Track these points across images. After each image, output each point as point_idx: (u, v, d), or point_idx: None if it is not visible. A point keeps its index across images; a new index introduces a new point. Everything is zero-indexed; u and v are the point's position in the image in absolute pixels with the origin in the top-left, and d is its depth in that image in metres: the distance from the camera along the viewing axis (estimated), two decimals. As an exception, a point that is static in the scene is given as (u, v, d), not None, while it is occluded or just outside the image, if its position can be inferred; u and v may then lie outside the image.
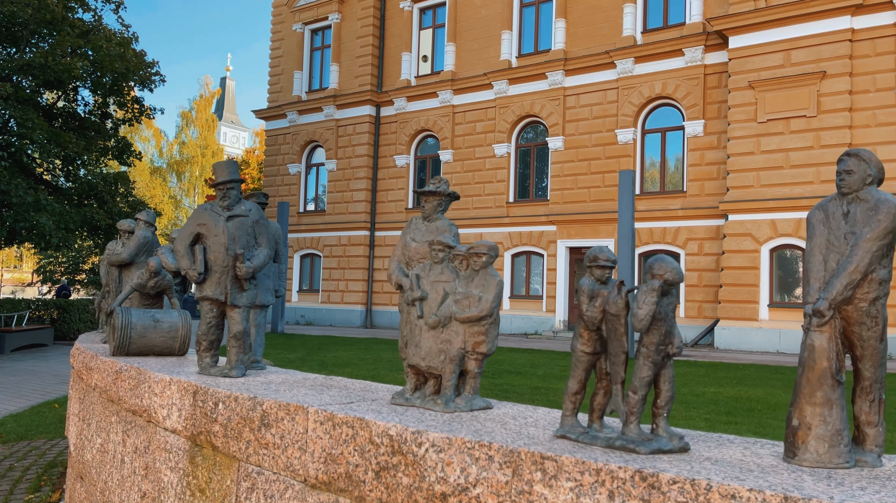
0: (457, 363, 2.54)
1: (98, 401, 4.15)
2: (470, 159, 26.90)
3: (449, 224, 2.96)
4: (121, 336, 4.22)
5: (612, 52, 23.30)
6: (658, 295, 1.84)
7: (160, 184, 52.13)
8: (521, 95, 25.71)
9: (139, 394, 3.51)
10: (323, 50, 31.31)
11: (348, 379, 3.31)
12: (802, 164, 19.18)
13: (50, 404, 10.51)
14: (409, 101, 28.53)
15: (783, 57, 19.70)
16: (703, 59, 21.89)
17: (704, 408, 9.42)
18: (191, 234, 3.67)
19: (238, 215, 3.69)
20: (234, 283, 3.61)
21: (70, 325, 20.57)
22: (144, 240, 5.23)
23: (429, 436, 1.96)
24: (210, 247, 3.60)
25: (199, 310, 3.64)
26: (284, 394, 2.74)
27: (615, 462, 1.60)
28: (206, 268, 3.57)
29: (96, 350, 4.66)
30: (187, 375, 3.41)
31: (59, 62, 17.80)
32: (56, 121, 21.38)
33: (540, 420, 2.26)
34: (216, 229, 3.63)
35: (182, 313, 4.58)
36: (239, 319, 3.60)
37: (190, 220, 3.77)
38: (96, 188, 20.90)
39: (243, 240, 3.64)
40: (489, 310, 2.53)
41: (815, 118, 19.12)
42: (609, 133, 23.69)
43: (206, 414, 2.85)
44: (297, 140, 31.13)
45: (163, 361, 4.04)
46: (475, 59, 27.05)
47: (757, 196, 19.77)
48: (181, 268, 3.66)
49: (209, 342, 3.67)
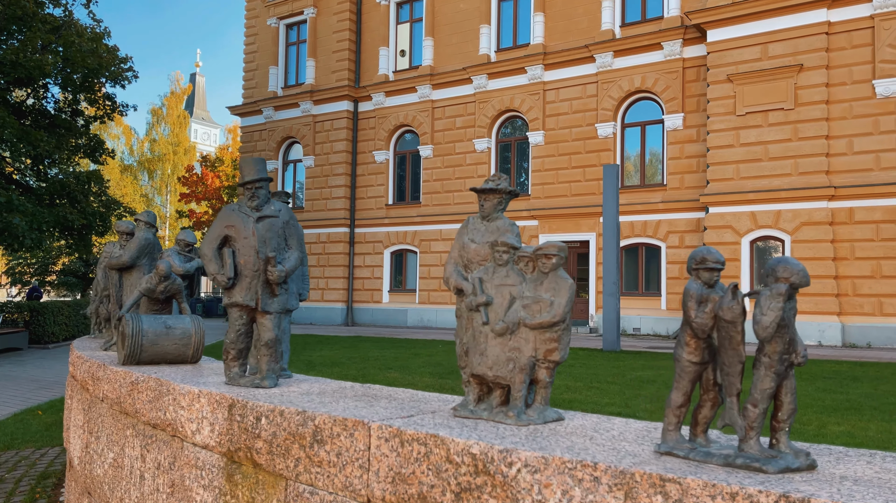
0: (527, 372, 2.42)
1: (108, 413, 3.94)
2: (450, 154, 26.76)
3: (510, 224, 2.79)
4: (132, 344, 4.02)
5: (591, 46, 23.32)
6: (784, 300, 1.73)
7: (131, 182, 51.15)
8: (500, 90, 25.63)
9: (161, 407, 3.33)
10: (298, 45, 30.90)
11: (389, 387, 3.16)
12: (781, 156, 19.39)
13: (32, 411, 10.18)
14: (387, 96, 28.29)
15: (761, 50, 19.87)
16: (681, 52, 22.01)
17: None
18: (218, 236, 3.45)
19: (268, 216, 3.48)
20: (265, 288, 3.41)
21: (45, 329, 20.02)
22: (146, 241, 5.01)
23: (520, 455, 1.83)
24: (239, 250, 3.39)
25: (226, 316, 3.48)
26: (331, 406, 2.58)
27: (750, 484, 1.48)
28: (236, 273, 3.37)
29: (102, 358, 4.45)
30: (215, 387, 3.24)
31: (29, 58, 17.27)
32: (26, 119, 20.78)
33: (626, 433, 2.13)
34: (245, 231, 3.41)
35: (194, 318, 4.39)
36: (270, 326, 3.40)
37: (217, 221, 3.53)
38: (69, 187, 20.36)
39: (274, 242, 3.44)
40: (562, 316, 2.41)
41: (792, 111, 19.33)
42: (589, 127, 23.72)
43: (246, 429, 2.68)
44: (274, 136, 30.71)
45: (179, 370, 3.84)
46: (454, 53, 26.89)
47: (737, 188, 19.94)
48: (209, 272, 3.44)
49: (238, 351, 3.46)
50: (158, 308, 4.56)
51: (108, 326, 5.38)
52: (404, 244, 27.67)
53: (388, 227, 28.08)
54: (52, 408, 10.32)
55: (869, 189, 18.20)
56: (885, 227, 18.10)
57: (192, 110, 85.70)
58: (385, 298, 28.07)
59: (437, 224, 26.84)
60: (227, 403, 2.87)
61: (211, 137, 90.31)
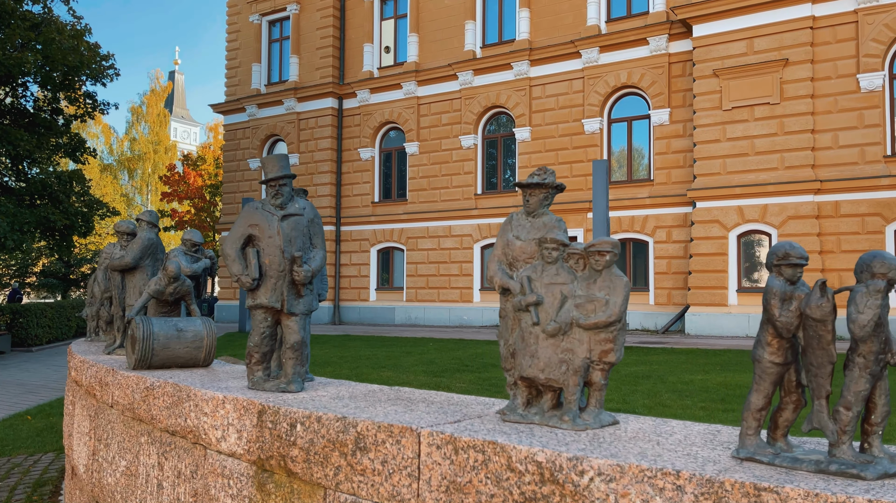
0: (581, 374, 2.34)
1: (119, 419, 3.81)
2: (436, 151, 26.66)
3: (557, 219, 2.73)
4: (142, 348, 3.89)
5: (577, 41, 23.32)
6: (883, 296, 1.66)
7: (111, 181, 50.40)
8: (486, 86, 25.55)
9: (181, 414, 3.22)
10: (282, 41, 30.60)
11: (421, 390, 3.06)
12: (767, 150, 19.51)
13: (21, 416, 9.96)
14: (372, 92, 28.11)
15: (746, 45, 19.97)
16: (667, 47, 22.07)
17: (697, 396, 9.44)
18: (242, 235, 3.33)
19: (293, 214, 3.37)
20: (290, 289, 3.30)
21: (28, 331, 19.65)
22: (149, 242, 4.86)
23: (592, 463, 1.75)
24: (264, 249, 3.28)
25: None
26: (369, 411, 2.48)
27: (856, 493, 1.41)
28: (261, 274, 3.25)
29: (109, 363, 4.30)
30: (239, 392, 3.12)
31: (9, 56, 16.90)
32: (4, 118, 20.36)
33: (691, 436, 2.06)
34: (270, 230, 3.30)
35: (205, 321, 4.25)
36: (297, 328, 3.31)
37: (239, 220, 3.42)
38: (50, 187, 19.99)
39: (299, 241, 3.33)
40: (619, 315, 2.34)
41: (778, 105, 19.45)
42: (576, 123, 23.73)
43: (279, 436, 2.58)
44: (258, 134, 30.40)
45: (194, 375, 3.72)
46: (439, 49, 26.77)
47: (723, 183, 20.05)
48: (232, 274, 3.34)
49: (262, 354, 3.34)
50: (167, 310, 4.43)
51: (109, 329, 5.23)
52: (391, 242, 27.54)
53: (375, 224, 27.93)
54: (42, 412, 10.11)
55: (854, 182, 18.37)
56: (870, 220, 18.29)
57: (172, 108, 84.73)
58: (372, 296, 27.93)
59: (424, 221, 26.74)
60: (255, 409, 2.76)
61: (191, 136, 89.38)
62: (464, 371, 12.53)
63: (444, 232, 26.21)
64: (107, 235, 45.58)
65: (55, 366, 16.38)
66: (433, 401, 2.76)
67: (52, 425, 9.19)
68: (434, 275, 26.30)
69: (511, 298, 2.60)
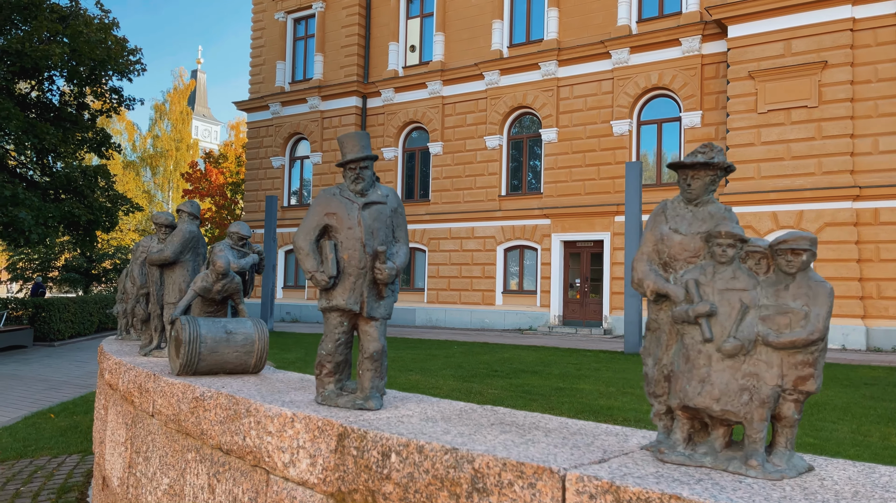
0: (770, 406, 1.89)
1: (161, 431, 3.49)
2: (460, 151, 26.33)
3: (726, 209, 2.16)
4: (189, 352, 3.54)
5: (607, 41, 22.90)
6: None
7: (133, 178, 50.59)
8: (513, 86, 25.20)
9: (238, 430, 2.86)
10: (307, 40, 30.43)
11: (520, 411, 2.64)
12: (804, 155, 18.99)
13: (44, 414, 9.72)
14: (396, 91, 27.84)
15: (784, 46, 19.47)
16: (700, 48, 21.60)
17: (842, 421, 8.89)
18: (317, 226, 2.91)
19: (375, 202, 2.96)
20: (371, 289, 2.87)
21: (50, 326, 19.52)
22: (190, 234, 4.51)
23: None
24: (342, 242, 2.86)
25: None
26: (479, 440, 2.03)
27: None
28: (338, 271, 2.86)
29: (148, 366, 3.96)
30: (308, 407, 2.71)
31: (35, 48, 16.77)
32: (31, 111, 20.28)
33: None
34: (349, 220, 2.88)
35: (257, 322, 3.88)
36: (377, 335, 2.87)
37: (314, 208, 2.98)
38: (75, 182, 19.87)
39: (382, 233, 2.92)
40: (822, 331, 1.88)
41: (816, 108, 18.93)
42: (604, 124, 23.31)
43: (367, 467, 2.23)
44: (281, 132, 30.24)
45: (247, 384, 3.37)
46: (465, 49, 26.45)
47: (757, 188, 19.55)
48: (306, 270, 2.90)
49: (336, 364, 2.90)
50: (213, 310, 4.10)
51: (145, 328, 4.90)
52: (412, 243, 27.21)
53: (397, 224, 27.59)
54: (66, 410, 9.87)
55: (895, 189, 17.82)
56: (911, 228, 17.72)
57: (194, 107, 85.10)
58: (393, 297, 27.59)
59: (447, 222, 26.42)
60: (334, 431, 2.40)
61: (212, 134, 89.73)
62: (494, 376, 12.19)
63: (467, 233, 25.88)
64: (128, 231, 45.69)
65: (77, 361, 16.21)
66: (547, 427, 2.36)
67: (76, 424, 8.94)
68: (456, 276, 25.96)
69: (668, 307, 2.12)
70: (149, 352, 4.68)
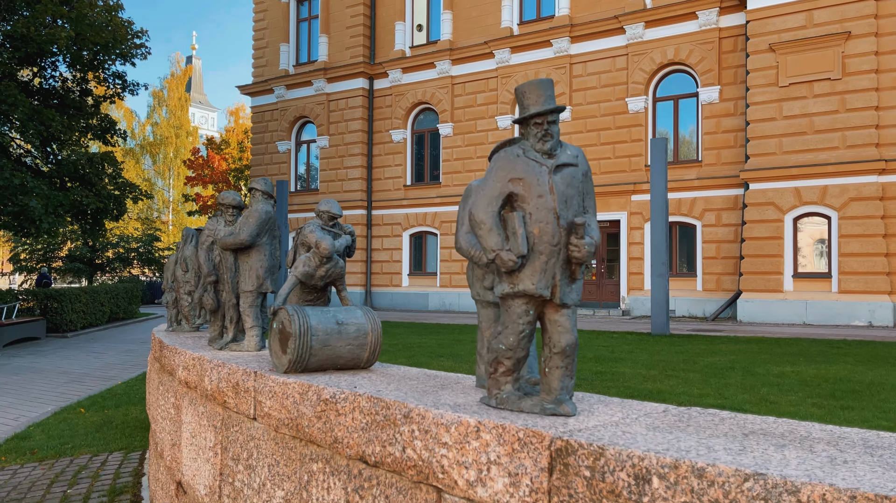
0: None
1: (270, 437, 3.10)
2: (471, 132, 25.89)
3: None
4: (299, 346, 3.13)
5: (621, 16, 22.41)
6: None
7: (134, 166, 49.97)
8: (524, 64, 24.71)
9: (393, 440, 2.44)
10: (310, 21, 29.82)
11: (766, 417, 2.14)
12: (827, 128, 18.60)
13: (73, 409, 9.40)
14: (404, 72, 27.32)
15: (805, 17, 19.01)
16: (717, 21, 21.12)
17: (800, 391, 8.73)
18: (500, 194, 2.42)
19: (567, 164, 2.46)
20: (564, 270, 2.39)
21: (62, 317, 19.14)
22: (266, 215, 4.11)
23: None
24: (532, 214, 2.38)
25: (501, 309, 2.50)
26: (760, 458, 1.66)
27: None
28: (528, 248, 2.39)
29: (242, 362, 3.58)
30: (494, 414, 2.23)
31: (40, 32, 16.27)
32: (34, 98, 19.78)
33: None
34: (539, 186, 2.38)
35: (366, 311, 3.50)
36: (569, 325, 2.39)
37: (495, 172, 2.46)
38: (83, 169, 19.41)
39: (575, 202, 2.43)
40: None
41: (839, 81, 18.52)
42: (619, 102, 22.87)
43: (612, 493, 1.75)
44: (286, 116, 29.73)
45: (375, 381, 2.98)
46: (474, 27, 25.93)
47: (779, 163, 19.17)
48: (487, 248, 2.40)
49: (517, 361, 2.43)
50: (312, 298, 3.74)
51: (213, 319, 4.53)
52: (424, 226, 26.85)
53: (407, 208, 27.24)
54: (95, 405, 9.54)
55: (923, 162, 17.46)
56: (939, 201, 17.38)
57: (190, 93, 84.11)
58: (405, 282, 27.31)
59: (459, 205, 25.99)
60: (543, 444, 1.94)
61: (208, 121, 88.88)
62: (527, 360, 11.85)
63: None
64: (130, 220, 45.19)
65: (94, 352, 15.88)
66: (771, 431, 1.95)
67: (109, 419, 8.62)
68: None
69: None
70: (224, 345, 4.30)
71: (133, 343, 17.68)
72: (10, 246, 34.49)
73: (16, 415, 9.35)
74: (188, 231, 5.57)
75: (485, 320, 3.05)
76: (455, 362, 11.67)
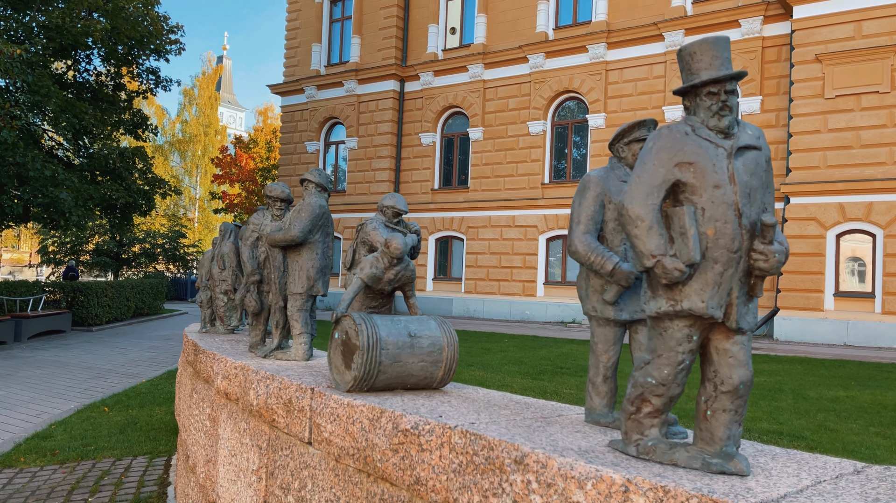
0: None
1: (327, 465, 2.68)
2: (502, 137, 25.50)
3: None
4: (367, 361, 2.73)
5: (660, 23, 21.92)
6: None
7: (162, 163, 50.27)
8: (558, 70, 24.29)
9: (499, 489, 1.97)
10: (343, 21, 29.67)
11: None
12: (874, 143, 17.95)
13: (97, 407, 9.14)
14: (436, 75, 27.03)
15: (854, 28, 18.39)
16: (761, 30, 20.55)
17: (859, 418, 8.21)
18: (663, 182, 1.90)
19: (749, 146, 1.97)
20: (743, 285, 1.89)
21: (88, 310, 19.04)
22: (320, 209, 3.73)
23: None
24: (706, 209, 1.85)
25: None
26: None
27: None
28: None
29: (293, 374, 3.17)
30: (633, 467, 1.79)
31: (76, 24, 16.20)
32: (68, 91, 19.76)
33: None
34: (716, 174, 1.87)
35: (441, 322, 3.05)
36: (744, 356, 1.88)
37: (655, 153, 1.93)
38: (114, 163, 19.34)
39: (760, 195, 1.94)
40: None
41: (888, 94, 17.88)
42: (655, 110, 22.36)
43: None
44: (316, 116, 29.58)
45: (458, 407, 2.56)
46: (508, 31, 25.57)
47: (823, 178, 18.54)
48: (645, 253, 1.88)
49: (668, 399, 1.95)
50: (377, 304, 3.37)
51: (255, 323, 4.18)
52: (450, 231, 26.49)
53: (434, 212, 26.90)
54: (119, 404, 9.28)
55: (976, 180, 16.76)
56: None
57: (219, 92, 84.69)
58: (429, 286, 26.95)
59: (486, 210, 25.64)
60: None
61: (237, 121, 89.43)
62: (561, 373, 11.46)
63: (508, 222, 25.08)
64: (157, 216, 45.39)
65: (119, 347, 15.71)
66: None
67: (133, 420, 8.34)
68: (495, 266, 25.20)
69: None
70: (269, 353, 3.91)
71: (157, 339, 17.51)
72: (39, 238, 34.69)
73: (38, 411, 9.12)
74: (227, 226, 5.25)
75: (601, 341, 2.62)
76: (488, 373, 11.29)
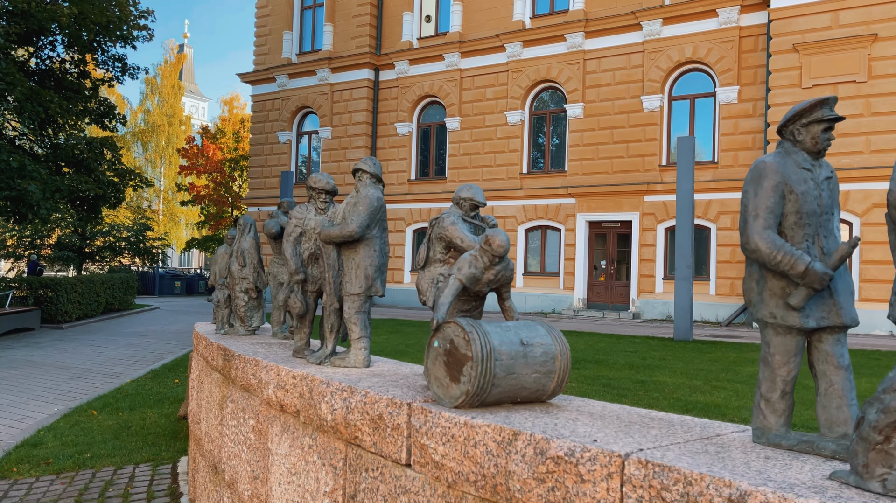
0: None
1: (440, 495, 2.38)
2: (479, 127, 25.28)
3: None
4: (482, 373, 2.45)
5: (638, 12, 21.89)
6: None
7: (125, 153, 48.73)
8: (536, 59, 24.14)
9: None
10: (315, 9, 29.05)
11: None
12: (851, 132, 18.19)
13: (84, 411, 8.70)
14: (411, 64, 26.66)
15: (831, 18, 18.58)
16: (738, 20, 20.66)
17: None
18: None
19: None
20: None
21: (58, 307, 18.30)
22: (378, 202, 3.49)
23: None
24: None
25: None
26: None
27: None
28: None
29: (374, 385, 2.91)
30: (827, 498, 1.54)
31: (42, 8, 15.45)
32: (31, 79, 18.91)
33: None
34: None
35: (550, 329, 2.74)
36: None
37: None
38: (81, 154, 18.58)
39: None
40: None
41: (865, 84, 18.11)
42: (633, 100, 22.36)
43: None
44: (288, 106, 28.96)
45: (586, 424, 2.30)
46: (485, 19, 25.31)
47: (800, 166, 18.71)
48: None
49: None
50: (470, 308, 3.10)
51: (300, 325, 3.88)
52: (427, 222, 26.17)
53: (411, 203, 26.61)
54: (107, 406, 8.85)
55: (950, 168, 17.08)
56: (966, 209, 17.01)
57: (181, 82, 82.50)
58: (406, 279, 26.68)
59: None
60: None
61: (199, 110, 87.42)
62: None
63: (486, 213, 24.88)
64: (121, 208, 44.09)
65: (93, 345, 15.12)
66: None
67: (126, 423, 7.94)
68: (475, 257, 24.99)
69: None
70: (324, 359, 3.60)
71: (133, 336, 16.93)
72: (-2, 232, 33.39)
73: (20, 415, 8.64)
74: (247, 219, 4.93)
75: (779, 352, 2.28)
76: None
